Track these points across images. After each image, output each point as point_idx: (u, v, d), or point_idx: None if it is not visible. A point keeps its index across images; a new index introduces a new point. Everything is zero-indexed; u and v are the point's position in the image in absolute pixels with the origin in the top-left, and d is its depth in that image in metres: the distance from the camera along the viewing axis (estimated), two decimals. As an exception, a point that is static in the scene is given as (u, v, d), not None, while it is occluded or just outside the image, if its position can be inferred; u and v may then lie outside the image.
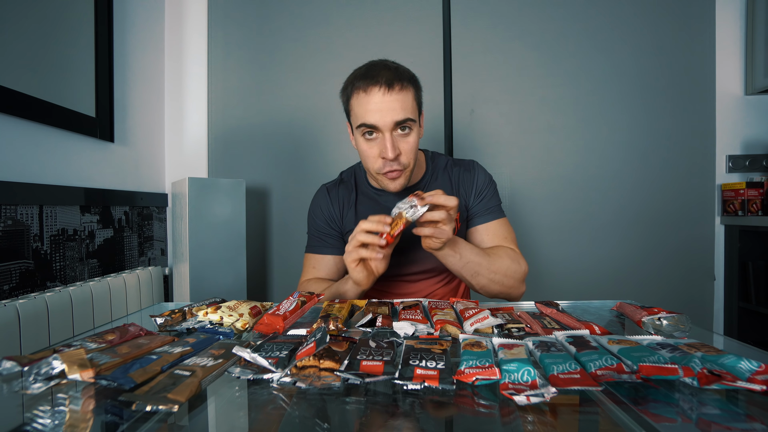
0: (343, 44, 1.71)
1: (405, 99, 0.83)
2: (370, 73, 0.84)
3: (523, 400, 0.37)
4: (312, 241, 1.03)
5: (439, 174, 1.01)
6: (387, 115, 0.81)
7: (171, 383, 0.40)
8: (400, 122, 0.82)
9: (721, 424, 0.35)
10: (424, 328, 0.59)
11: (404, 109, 0.83)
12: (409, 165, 0.88)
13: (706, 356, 0.44)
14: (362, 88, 0.83)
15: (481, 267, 0.83)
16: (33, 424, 0.36)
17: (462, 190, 0.99)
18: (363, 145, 0.87)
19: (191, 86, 1.75)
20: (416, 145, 0.88)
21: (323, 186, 1.06)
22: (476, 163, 1.03)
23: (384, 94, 0.81)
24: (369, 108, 0.82)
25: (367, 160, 0.89)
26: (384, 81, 0.81)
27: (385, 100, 0.81)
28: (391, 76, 0.82)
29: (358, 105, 0.84)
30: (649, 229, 1.72)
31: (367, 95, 0.82)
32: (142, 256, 1.56)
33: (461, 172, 1.00)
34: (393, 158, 0.84)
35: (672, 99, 1.71)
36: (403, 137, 0.85)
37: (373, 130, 0.84)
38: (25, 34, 1.05)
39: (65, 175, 1.18)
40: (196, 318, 0.62)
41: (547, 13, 1.71)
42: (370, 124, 0.83)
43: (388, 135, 0.83)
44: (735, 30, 1.74)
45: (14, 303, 0.84)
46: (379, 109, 0.81)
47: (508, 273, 0.86)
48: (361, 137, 0.87)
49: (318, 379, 0.43)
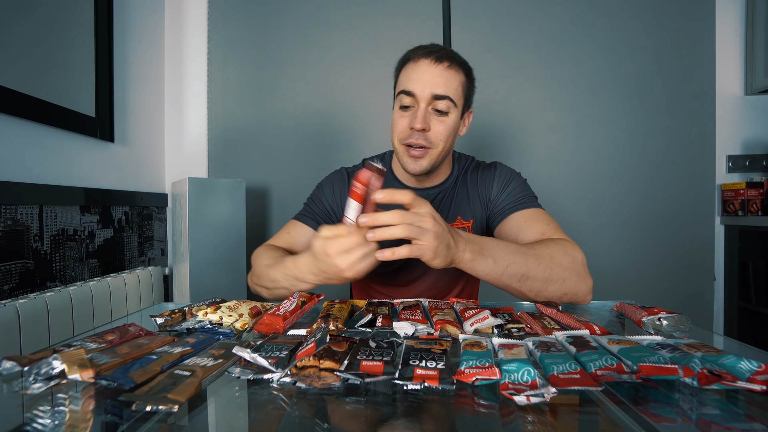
0: (343, 44, 1.71)
1: (451, 77, 0.80)
2: (425, 46, 0.83)
3: (523, 400, 0.37)
4: (305, 210, 0.95)
5: (461, 176, 0.95)
6: (427, 85, 0.79)
7: (171, 383, 0.40)
8: (439, 96, 0.79)
9: (721, 424, 0.35)
10: (424, 328, 0.59)
11: (447, 85, 0.80)
12: (438, 147, 0.82)
13: (706, 356, 0.44)
14: (413, 59, 0.82)
15: (529, 266, 0.67)
16: (33, 424, 0.36)
17: (481, 190, 0.92)
18: (396, 114, 0.84)
19: (191, 86, 1.75)
20: (451, 130, 0.82)
21: (344, 168, 0.98)
22: (499, 162, 0.96)
23: (430, 65, 0.80)
24: (412, 76, 0.81)
25: (395, 128, 0.84)
26: (435, 53, 0.81)
27: (430, 71, 0.80)
28: (445, 53, 0.81)
29: (404, 74, 0.83)
30: (650, 229, 1.72)
31: (415, 64, 0.82)
32: (142, 256, 1.56)
33: (481, 173, 0.93)
34: (420, 128, 0.79)
35: (672, 99, 1.72)
36: (439, 117, 0.81)
37: (411, 99, 0.81)
38: (26, 35, 1.05)
39: (65, 175, 1.18)
40: (196, 318, 0.62)
41: (547, 13, 1.71)
42: (408, 90, 0.80)
43: (423, 106, 0.80)
44: (735, 30, 1.74)
45: (14, 303, 0.84)
46: (420, 78, 0.80)
47: (570, 265, 0.70)
48: (397, 107, 0.84)
49: (318, 379, 0.43)
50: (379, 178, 0.59)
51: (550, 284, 0.69)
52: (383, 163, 0.91)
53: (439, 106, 0.80)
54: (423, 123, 0.79)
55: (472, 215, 0.93)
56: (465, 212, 0.93)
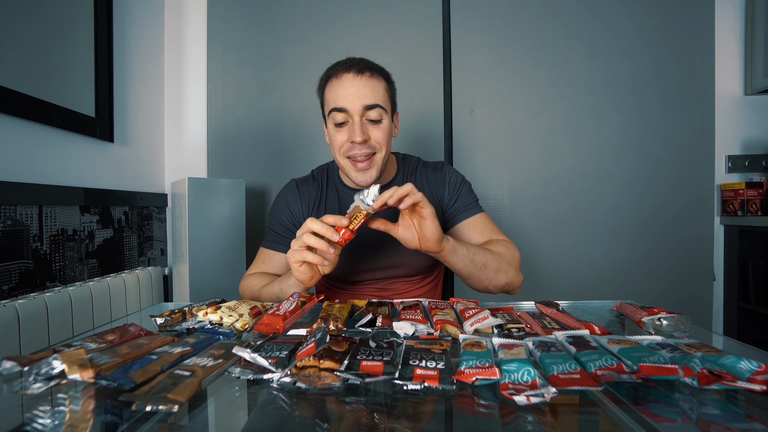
0: (343, 44, 1.71)
1: (375, 86, 0.84)
2: (342, 62, 0.86)
3: (523, 400, 0.37)
4: (270, 236, 0.98)
5: (409, 175, 0.99)
6: (357, 99, 0.82)
7: (171, 383, 0.40)
8: (370, 106, 0.82)
9: (721, 424, 0.35)
10: (424, 328, 0.59)
11: (374, 95, 0.83)
12: (380, 152, 0.86)
13: (706, 356, 0.44)
14: (335, 75, 0.85)
15: (487, 258, 0.81)
16: (33, 424, 0.36)
17: (434, 191, 0.97)
18: (333, 131, 0.86)
19: (191, 86, 1.75)
20: (388, 134, 0.86)
21: (293, 180, 1.02)
22: (445, 163, 1.01)
23: (354, 78, 0.83)
24: (339, 93, 0.83)
25: (335, 145, 0.86)
26: (355, 66, 0.84)
27: (356, 83, 0.83)
28: (363, 64, 0.85)
29: (330, 92, 0.85)
30: (649, 229, 1.72)
31: (339, 80, 0.84)
32: (142, 256, 1.56)
33: (430, 173, 0.98)
34: (361, 141, 0.82)
35: (671, 99, 1.72)
36: (374, 125, 0.85)
37: (344, 115, 0.83)
38: (26, 35, 1.05)
39: (65, 175, 1.18)
40: (196, 318, 0.62)
41: (547, 13, 1.71)
42: (339, 107, 0.83)
43: (357, 119, 0.83)
44: (735, 30, 1.74)
45: (14, 303, 0.84)
46: (348, 93, 0.82)
47: (512, 261, 0.85)
48: (332, 125, 0.86)
49: (318, 379, 0.43)
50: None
51: (500, 274, 0.83)
52: (328, 173, 1.01)
53: (371, 115, 0.84)
54: (362, 135, 0.82)
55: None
56: None
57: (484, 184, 1.73)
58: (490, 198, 1.73)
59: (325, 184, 0.99)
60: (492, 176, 1.73)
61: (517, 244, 0.94)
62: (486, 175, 1.73)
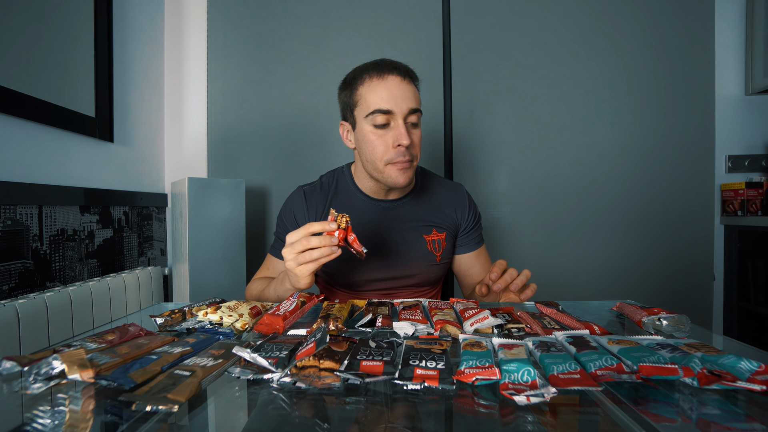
0: (343, 44, 1.71)
1: (415, 90, 0.85)
2: (384, 63, 0.85)
3: (523, 400, 0.37)
4: (275, 243, 0.98)
5: (428, 188, 1.00)
6: (403, 101, 0.81)
7: (171, 383, 0.40)
8: (414, 110, 0.82)
9: (721, 424, 0.35)
10: (424, 328, 0.59)
11: (416, 98, 0.84)
12: (417, 159, 0.87)
13: (706, 356, 0.44)
14: (377, 75, 0.82)
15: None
16: (33, 424, 0.36)
17: (455, 210, 0.98)
18: (372, 135, 0.83)
19: (191, 86, 1.75)
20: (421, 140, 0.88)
21: (300, 188, 0.98)
22: (464, 188, 1.04)
23: (401, 81, 0.82)
24: (384, 94, 0.81)
25: (376, 150, 0.83)
26: (399, 68, 0.83)
27: (402, 87, 0.82)
28: (404, 67, 0.85)
29: (371, 92, 0.82)
30: (649, 229, 1.72)
31: (383, 81, 0.82)
32: (142, 256, 1.56)
33: (451, 193, 1.00)
34: (408, 143, 0.81)
35: (672, 99, 1.72)
36: (414, 129, 0.85)
37: (386, 117, 0.81)
38: (26, 34, 1.05)
39: (65, 175, 1.18)
40: (196, 318, 0.62)
41: (547, 13, 1.71)
42: (386, 109, 0.81)
43: (400, 121, 0.81)
44: (735, 30, 1.74)
45: (14, 303, 0.84)
46: (394, 96, 0.81)
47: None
48: (370, 127, 0.83)
49: (318, 379, 0.43)
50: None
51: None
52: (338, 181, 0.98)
53: (413, 119, 0.84)
54: (409, 138, 0.82)
55: (445, 229, 0.97)
56: (438, 225, 0.97)
57: (484, 184, 1.73)
58: (490, 198, 1.73)
59: (334, 192, 0.97)
60: (492, 176, 1.73)
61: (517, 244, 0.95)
62: (486, 175, 1.73)
